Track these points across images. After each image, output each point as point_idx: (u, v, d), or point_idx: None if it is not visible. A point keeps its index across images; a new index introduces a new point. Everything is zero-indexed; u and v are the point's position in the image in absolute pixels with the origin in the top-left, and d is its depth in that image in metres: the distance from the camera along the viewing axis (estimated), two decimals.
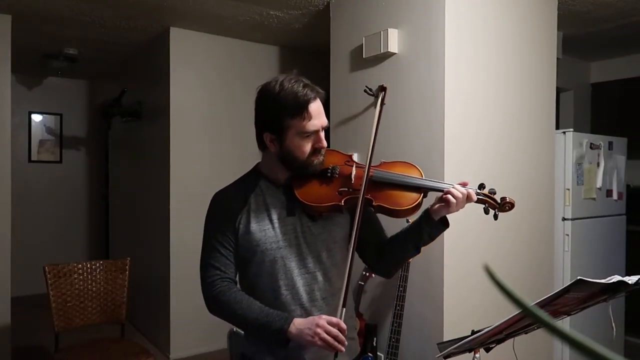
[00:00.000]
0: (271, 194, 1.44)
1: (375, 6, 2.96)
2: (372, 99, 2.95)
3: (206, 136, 4.14)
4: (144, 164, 4.55)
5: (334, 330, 1.26)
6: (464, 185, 1.40)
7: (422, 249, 1.51)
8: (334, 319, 1.28)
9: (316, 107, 1.37)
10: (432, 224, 1.43)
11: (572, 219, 3.35)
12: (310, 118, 1.35)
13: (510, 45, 2.86)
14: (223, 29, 4.02)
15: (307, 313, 1.38)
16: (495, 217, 1.42)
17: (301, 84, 1.36)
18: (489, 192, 1.42)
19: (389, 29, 2.78)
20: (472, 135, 2.68)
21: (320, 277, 1.42)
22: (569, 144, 3.36)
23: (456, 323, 2.56)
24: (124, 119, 4.72)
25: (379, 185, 1.40)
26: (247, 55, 4.31)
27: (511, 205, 1.40)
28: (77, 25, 3.87)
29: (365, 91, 2.92)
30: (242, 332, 1.54)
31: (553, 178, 3.17)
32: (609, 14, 3.58)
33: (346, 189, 1.40)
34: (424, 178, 1.44)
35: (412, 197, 1.39)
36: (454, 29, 2.58)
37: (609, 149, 3.63)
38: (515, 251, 2.88)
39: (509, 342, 1.32)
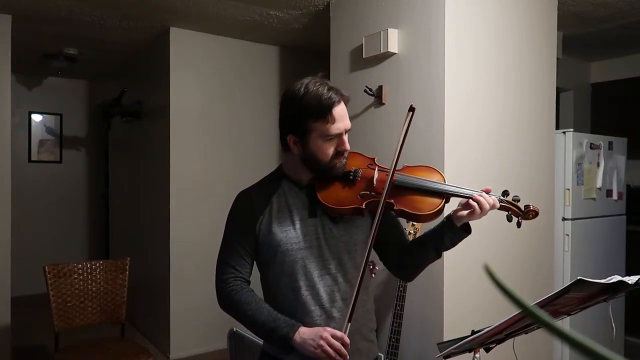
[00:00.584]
0: (293, 195, 1.46)
1: (375, 6, 2.96)
2: (372, 98, 2.95)
3: (206, 136, 4.14)
4: (144, 164, 4.55)
5: (337, 344, 1.28)
6: (487, 191, 1.38)
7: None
8: (338, 333, 1.30)
9: (340, 110, 1.38)
10: (454, 230, 1.42)
11: (572, 219, 3.35)
12: (333, 121, 1.36)
13: (510, 45, 2.86)
14: (223, 29, 4.02)
15: (326, 314, 1.40)
16: (519, 224, 1.40)
17: (326, 87, 1.38)
18: (512, 200, 1.41)
19: (389, 29, 2.78)
20: (472, 135, 2.68)
21: (340, 279, 1.43)
22: (569, 144, 3.36)
23: (456, 323, 2.56)
24: (124, 119, 4.72)
25: (401, 189, 1.40)
26: (247, 55, 4.31)
27: (535, 214, 1.38)
28: (77, 25, 3.87)
29: (365, 91, 2.92)
30: (246, 332, 1.55)
31: (553, 178, 3.17)
32: (609, 14, 3.58)
33: (368, 192, 1.40)
34: (446, 183, 1.43)
35: (434, 203, 1.38)
36: (454, 28, 2.58)
37: (609, 149, 3.63)
38: (515, 251, 2.88)
39: (509, 342, 1.32)
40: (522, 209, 1.39)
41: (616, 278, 1.08)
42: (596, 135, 3.62)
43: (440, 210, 1.39)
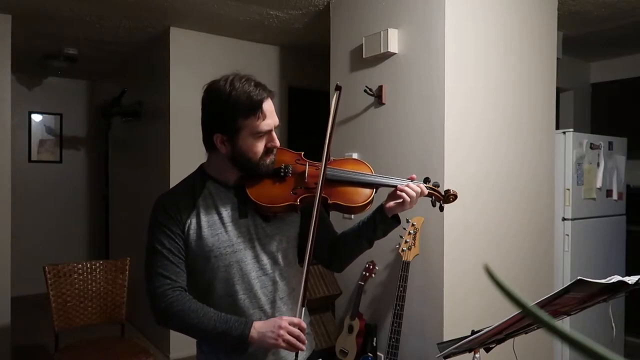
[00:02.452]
0: (221, 196, 1.39)
1: (375, 6, 2.96)
2: (372, 98, 2.95)
3: None
4: (144, 164, 4.55)
5: (296, 331, 1.26)
6: (412, 179, 1.42)
7: (383, 245, 1.51)
8: (295, 319, 1.27)
9: (268, 106, 1.35)
10: (386, 221, 1.44)
11: (572, 219, 3.35)
12: (264, 117, 1.32)
13: (510, 46, 2.86)
14: (223, 29, 4.02)
15: (266, 315, 1.37)
16: (441, 208, 1.48)
17: (252, 83, 1.34)
18: (433, 186, 1.47)
19: (389, 29, 2.78)
20: (472, 135, 2.68)
21: (277, 278, 1.40)
22: (569, 144, 3.36)
23: (456, 323, 2.56)
24: (124, 119, 4.72)
25: (332, 183, 1.40)
26: (247, 55, 4.31)
27: (454, 197, 1.46)
28: (77, 25, 3.87)
29: (365, 91, 2.92)
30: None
31: (553, 178, 3.17)
32: (609, 14, 3.58)
33: (300, 188, 1.39)
34: (374, 174, 1.45)
35: (365, 194, 1.41)
36: (454, 29, 2.59)
37: (609, 149, 3.63)
38: (515, 251, 2.88)
39: (509, 342, 1.32)
40: (443, 193, 1.47)
41: (616, 278, 1.08)
42: (596, 135, 3.62)
43: (372, 201, 1.41)
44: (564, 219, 3.36)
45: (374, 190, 1.42)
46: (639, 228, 4.21)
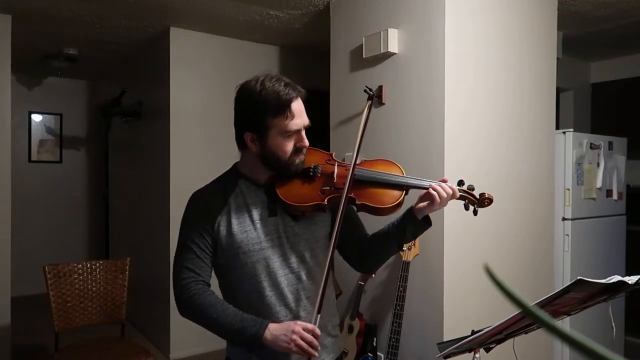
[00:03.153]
0: (252, 194, 1.42)
1: (375, 6, 2.96)
2: (372, 99, 2.95)
3: (206, 136, 4.14)
4: (144, 164, 4.55)
5: (309, 337, 1.26)
6: (444, 182, 1.41)
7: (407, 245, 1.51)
8: (309, 325, 1.28)
9: (298, 106, 1.36)
10: (416, 223, 1.42)
11: (572, 219, 3.35)
12: (292, 117, 1.33)
13: (510, 46, 2.86)
14: (223, 29, 4.02)
15: (292, 313, 1.38)
16: (475, 212, 1.44)
17: (282, 83, 1.35)
18: (468, 189, 1.44)
19: (389, 29, 2.78)
20: (472, 135, 2.68)
21: (304, 277, 1.41)
22: (569, 144, 3.36)
23: (456, 323, 2.56)
24: (124, 119, 4.72)
25: (361, 183, 1.40)
26: (247, 55, 4.31)
27: (490, 201, 1.43)
28: (77, 25, 3.87)
29: (365, 91, 2.91)
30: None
31: (553, 178, 3.17)
32: (609, 14, 3.58)
33: (329, 188, 1.39)
34: (405, 175, 1.44)
35: (394, 195, 1.39)
36: (454, 29, 2.59)
37: (609, 149, 3.63)
38: (515, 251, 2.88)
39: (509, 342, 1.32)
40: (478, 197, 1.43)
41: (616, 278, 1.08)
42: (596, 135, 3.62)
43: (401, 203, 1.40)
44: (564, 219, 3.36)
45: (404, 191, 1.40)
46: (639, 228, 4.21)
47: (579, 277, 0.98)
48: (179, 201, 3.97)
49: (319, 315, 1.30)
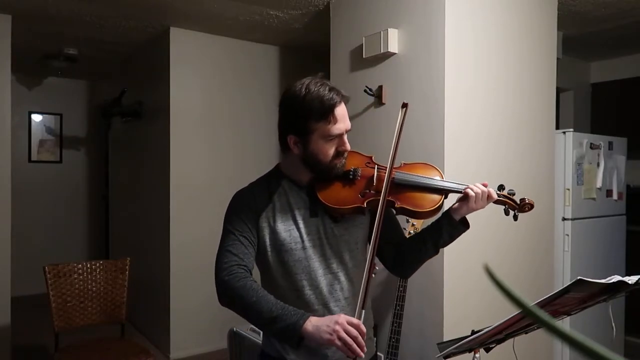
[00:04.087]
0: (294, 194, 1.45)
1: (375, 6, 2.96)
2: (372, 98, 2.95)
3: (206, 136, 4.14)
4: (144, 164, 4.55)
5: (354, 331, 1.20)
6: (485, 186, 1.42)
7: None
8: (354, 320, 1.23)
9: (341, 110, 1.38)
10: (453, 225, 1.44)
11: (572, 219, 3.35)
12: (335, 122, 1.36)
13: (510, 45, 2.86)
14: (223, 29, 4.02)
15: (329, 312, 1.39)
16: (515, 217, 1.44)
17: (327, 88, 1.37)
18: (508, 193, 1.45)
19: (389, 29, 2.78)
20: (472, 135, 2.68)
21: (343, 278, 1.43)
22: (569, 144, 3.36)
23: (456, 323, 2.56)
24: (124, 119, 4.72)
25: (401, 187, 1.41)
26: (247, 55, 4.31)
27: (531, 206, 1.43)
28: (77, 25, 3.87)
29: (365, 91, 2.92)
30: (246, 332, 1.52)
31: (553, 178, 3.17)
32: (609, 14, 3.58)
33: (368, 191, 1.41)
34: (444, 179, 1.45)
35: (433, 199, 1.40)
36: (454, 29, 2.58)
37: (609, 149, 3.63)
38: (515, 251, 2.88)
39: (509, 342, 1.32)
40: (518, 202, 1.44)
41: (616, 278, 1.08)
42: (596, 135, 3.62)
43: (440, 207, 1.41)
44: (564, 219, 3.36)
45: (443, 195, 1.41)
46: (639, 228, 4.21)
47: (579, 277, 0.98)
48: (179, 201, 3.98)
49: (363, 311, 1.27)
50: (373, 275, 2.92)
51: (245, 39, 4.27)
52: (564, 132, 3.38)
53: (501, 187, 1.46)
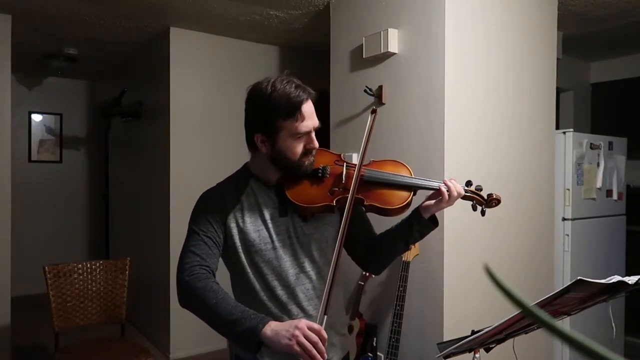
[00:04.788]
0: (263, 194, 1.43)
1: (375, 6, 2.96)
2: (372, 98, 2.95)
3: (206, 136, 4.14)
4: (144, 163, 4.55)
5: (314, 337, 1.17)
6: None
7: (416, 247, 1.51)
8: (315, 325, 1.19)
9: (308, 108, 1.36)
10: (423, 222, 1.44)
11: (572, 219, 3.35)
12: (303, 119, 1.34)
13: (510, 46, 2.86)
14: (223, 29, 4.02)
15: (304, 312, 1.39)
16: (483, 213, 1.45)
17: (293, 85, 1.35)
18: (475, 189, 1.45)
19: (389, 29, 2.78)
20: (472, 135, 2.68)
21: (314, 276, 1.43)
22: (569, 144, 3.36)
23: (456, 323, 2.56)
24: (124, 119, 4.72)
25: (370, 184, 1.40)
26: (247, 55, 4.31)
27: (497, 202, 1.44)
28: (77, 25, 3.87)
29: (365, 91, 2.92)
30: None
31: (553, 178, 3.17)
32: (609, 14, 3.58)
33: (338, 189, 1.39)
34: (413, 176, 1.44)
35: (402, 196, 1.40)
36: (454, 29, 2.58)
37: (609, 149, 3.63)
38: (515, 251, 2.88)
39: (509, 342, 1.32)
40: (486, 197, 1.44)
41: (616, 278, 1.08)
42: (596, 135, 3.62)
43: (410, 204, 1.40)
44: (564, 219, 3.36)
45: (412, 192, 1.41)
46: (639, 228, 4.21)
47: (579, 277, 0.98)
48: (179, 201, 3.97)
49: (326, 316, 1.25)
50: (373, 275, 2.93)
51: (245, 39, 4.27)
52: (564, 132, 3.38)
53: (469, 183, 1.46)
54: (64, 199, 6.00)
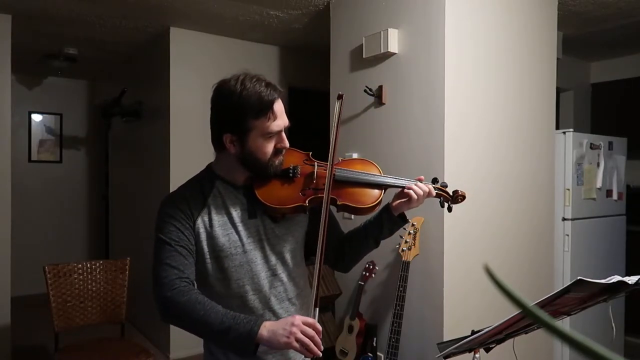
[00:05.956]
0: (230, 195, 1.38)
1: (375, 6, 2.96)
2: (372, 98, 2.95)
3: (206, 135, 4.09)
4: (144, 164, 4.55)
5: (310, 331, 1.19)
6: (420, 180, 1.43)
7: (383, 245, 1.51)
8: (309, 319, 1.21)
9: (279, 106, 1.34)
10: (393, 220, 1.44)
11: (572, 219, 3.35)
12: (275, 118, 1.31)
13: (510, 46, 2.86)
14: (223, 29, 4.02)
15: (276, 316, 1.36)
16: (450, 209, 1.48)
17: (263, 83, 1.32)
18: (441, 186, 1.48)
19: (389, 29, 2.78)
20: (472, 135, 2.68)
21: (285, 279, 1.40)
22: (569, 144, 3.36)
23: (456, 323, 2.56)
24: (124, 119, 4.72)
25: (341, 183, 1.40)
26: (247, 55, 4.31)
27: (463, 198, 1.47)
28: (77, 25, 3.87)
29: (365, 91, 2.92)
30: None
31: (553, 178, 3.17)
32: (609, 14, 3.58)
33: (309, 189, 1.38)
34: (383, 175, 1.45)
35: (374, 195, 1.40)
36: (454, 29, 2.59)
37: (609, 149, 3.63)
38: (515, 251, 2.88)
39: (509, 342, 1.32)
40: (451, 194, 1.47)
41: (616, 278, 1.08)
42: (596, 135, 3.62)
43: (381, 202, 1.41)
44: (564, 219, 3.36)
45: (383, 190, 1.42)
46: (639, 228, 4.21)
47: (579, 277, 0.98)
48: None
49: (317, 309, 1.26)
50: (373, 275, 2.93)
51: (245, 39, 4.27)
52: (564, 132, 3.38)
53: (435, 181, 1.49)
54: (64, 199, 6.00)
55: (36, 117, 5.88)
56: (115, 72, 5.31)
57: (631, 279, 1.10)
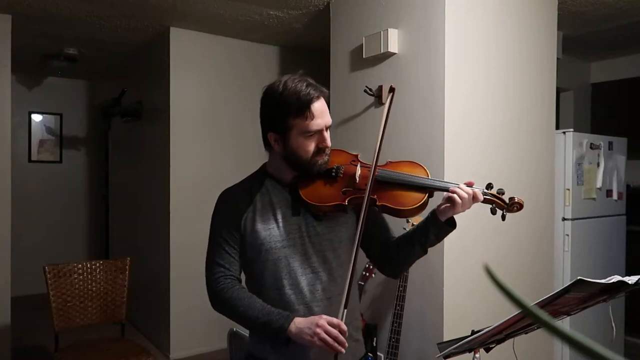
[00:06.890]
0: (277, 193, 1.45)
1: (375, 6, 2.96)
2: (372, 98, 2.95)
3: (206, 136, 4.14)
4: (144, 164, 4.55)
5: (334, 331, 1.25)
6: (470, 185, 1.37)
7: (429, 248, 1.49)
8: (334, 320, 1.27)
9: (319, 106, 1.37)
10: (438, 225, 1.40)
11: (572, 219, 3.35)
12: (313, 117, 1.35)
13: (510, 45, 2.86)
14: (223, 29, 4.02)
15: (310, 312, 1.38)
16: (503, 217, 1.37)
17: (304, 84, 1.37)
18: (497, 192, 1.38)
19: (389, 29, 2.78)
20: (472, 135, 2.68)
21: (324, 277, 1.42)
22: (569, 144, 3.36)
23: (456, 323, 2.56)
24: (124, 119, 4.72)
25: (383, 184, 1.39)
26: (247, 55, 4.31)
27: (520, 206, 1.36)
28: (77, 25, 3.87)
29: (365, 91, 2.92)
30: (246, 332, 1.53)
31: (553, 178, 3.17)
32: (609, 14, 3.58)
33: (350, 189, 1.39)
34: (429, 178, 1.41)
35: (416, 197, 1.37)
36: (454, 29, 2.58)
37: (609, 149, 3.63)
38: (515, 251, 2.88)
39: (509, 342, 1.32)
40: (507, 201, 1.36)
41: (616, 278, 1.08)
42: (596, 135, 3.61)
43: (424, 205, 1.38)
44: (564, 219, 3.36)
45: (427, 194, 1.38)
46: (639, 228, 4.21)
47: (579, 277, 0.98)
48: (179, 201, 3.98)
49: (345, 311, 1.28)
50: (373, 275, 2.92)
51: (245, 39, 4.27)
52: (564, 132, 3.38)
53: (489, 186, 1.39)
54: (64, 199, 6.00)
55: (36, 117, 5.88)
56: (115, 72, 5.31)
57: (631, 279, 1.10)
